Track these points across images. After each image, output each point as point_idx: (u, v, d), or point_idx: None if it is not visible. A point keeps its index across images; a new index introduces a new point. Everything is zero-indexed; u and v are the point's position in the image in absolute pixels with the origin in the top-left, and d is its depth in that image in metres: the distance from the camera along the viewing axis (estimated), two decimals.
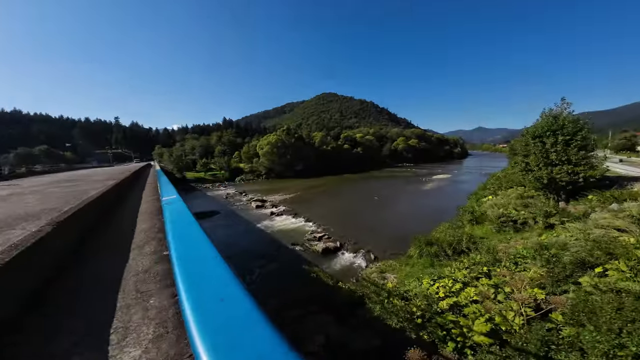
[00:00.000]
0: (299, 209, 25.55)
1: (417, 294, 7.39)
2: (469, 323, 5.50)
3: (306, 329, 6.71)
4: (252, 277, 11.90)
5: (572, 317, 4.64)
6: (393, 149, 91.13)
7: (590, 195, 13.71)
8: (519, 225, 14.01)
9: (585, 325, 4.31)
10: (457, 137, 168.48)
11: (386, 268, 11.52)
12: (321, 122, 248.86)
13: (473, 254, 9.90)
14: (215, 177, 58.67)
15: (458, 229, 13.96)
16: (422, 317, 6.32)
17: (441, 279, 8.12)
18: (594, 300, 4.66)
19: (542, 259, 8.39)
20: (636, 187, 13.42)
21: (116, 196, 5.16)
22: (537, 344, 4.26)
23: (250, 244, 16.28)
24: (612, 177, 14.95)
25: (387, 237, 16.73)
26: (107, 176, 11.55)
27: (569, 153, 13.93)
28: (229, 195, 36.57)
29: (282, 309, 8.62)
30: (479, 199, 21.76)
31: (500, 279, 7.40)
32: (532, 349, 4.27)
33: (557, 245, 9.08)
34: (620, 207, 11.11)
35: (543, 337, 4.33)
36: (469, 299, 6.60)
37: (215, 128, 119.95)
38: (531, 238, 11.45)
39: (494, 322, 5.59)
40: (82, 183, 9.14)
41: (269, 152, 56.79)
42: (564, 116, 14.33)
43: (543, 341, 4.26)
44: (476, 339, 5.21)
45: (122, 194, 6.41)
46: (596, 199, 13.27)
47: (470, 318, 5.77)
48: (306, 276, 11.15)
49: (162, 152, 67.91)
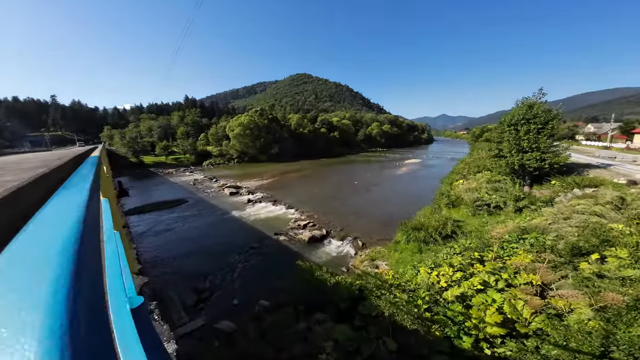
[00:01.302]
0: (278, 195, 24.34)
1: (419, 285, 7.17)
2: (482, 315, 5.34)
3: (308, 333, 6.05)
4: (234, 274, 10.81)
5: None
6: (368, 134, 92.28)
7: (552, 180, 15.01)
8: (492, 209, 14.92)
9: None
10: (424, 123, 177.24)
11: (375, 255, 11.35)
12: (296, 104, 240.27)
13: (462, 240, 10.10)
14: (179, 161, 53.30)
15: (439, 214, 14.34)
16: (430, 311, 6.07)
17: (439, 267, 8.04)
18: None
19: (527, 243, 8.80)
20: (591, 173, 15.04)
21: (45, 191, 3.58)
22: (560, 336, 4.18)
23: (227, 236, 14.90)
24: (568, 163, 16.57)
25: (371, 222, 16.70)
26: (39, 163, 9.00)
27: (539, 141, 14.88)
28: (197, 181, 33.45)
29: (275, 309, 7.84)
30: (451, 182, 22.91)
31: (495, 265, 7.52)
32: (557, 340, 4.18)
33: (537, 229, 9.63)
34: (583, 192, 12.27)
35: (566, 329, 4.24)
36: (472, 288, 6.51)
37: (176, 107, 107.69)
38: (506, 221, 12.17)
39: (502, 311, 5.53)
40: (2, 173, 6.84)
41: (240, 134, 52.89)
42: (538, 105, 15.12)
43: (565, 334, 4.18)
44: (489, 330, 5.07)
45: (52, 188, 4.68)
46: (559, 184, 14.57)
47: (480, 308, 5.64)
48: (296, 269, 10.42)
49: (113, 134, 58.98)
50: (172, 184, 32.83)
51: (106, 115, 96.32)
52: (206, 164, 52.11)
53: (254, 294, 9.32)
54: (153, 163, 50.75)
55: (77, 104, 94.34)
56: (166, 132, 67.96)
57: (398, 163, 49.87)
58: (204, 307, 8.92)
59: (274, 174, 38.17)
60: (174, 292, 9.88)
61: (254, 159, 54.78)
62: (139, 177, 38.58)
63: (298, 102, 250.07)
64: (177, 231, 15.89)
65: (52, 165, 5.73)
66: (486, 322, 5.18)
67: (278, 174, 38.27)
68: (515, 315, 5.29)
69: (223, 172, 41.67)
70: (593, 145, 44.78)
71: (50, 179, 4.27)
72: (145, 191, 28.67)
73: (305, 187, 29.08)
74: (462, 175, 24.09)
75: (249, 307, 8.49)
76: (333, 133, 74.21)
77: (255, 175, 36.73)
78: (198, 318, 8.33)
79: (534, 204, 13.68)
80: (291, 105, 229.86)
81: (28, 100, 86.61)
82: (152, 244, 14.19)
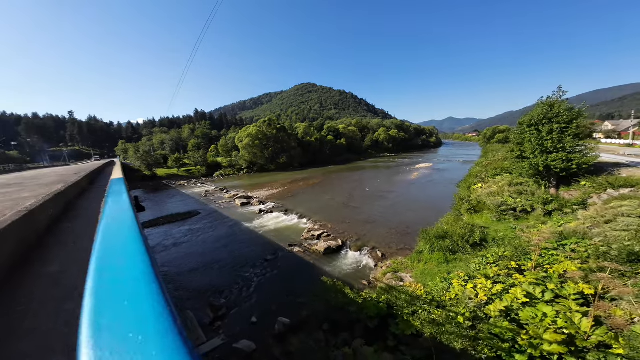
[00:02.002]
0: (290, 204, 24.05)
1: (455, 299, 6.56)
2: (538, 331, 4.74)
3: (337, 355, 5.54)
4: (250, 289, 10.41)
5: None
6: (375, 139, 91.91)
7: (582, 181, 14.07)
8: (519, 213, 14.07)
9: None
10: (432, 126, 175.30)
11: (398, 266, 10.73)
12: (301, 113, 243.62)
13: (495, 248, 9.40)
14: (190, 173, 54.24)
15: (462, 220, 13.60)
16: (474, 328, 5.47)
17: (473, 279, 7.40)
18: None
19: (567, 249, 8.05)
20: (623, 172, 14.03)
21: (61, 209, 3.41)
22: (630, 348, 3.56)
23: (241, 248, 14.60)
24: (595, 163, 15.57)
25: (387, 230, 16.06)
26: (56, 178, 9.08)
27: (564, 141, 14.09)
28: (208, 192, 33.69)
29: (296, 328, 7.36)
30: (469, 186, 22.01)
31: (538, 275, 6.85)
32: (626, 352, 3.56)
33: (577, 234, 8.86)
34: (619, 193, 11.36)
35: None
36: (517, 301, 5.89)
37: (187, 120, 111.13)
38: (538, 226, 11.36)
39: (556, 326, 4.90)
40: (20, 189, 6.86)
41: (249, 144, 53.59)
42: (559, 104, 14.42)
43: None
44: (547, 347, 4.46)
45: (68, 206, 4.52)
46: (589, 184, 13.63)
47: (534, 323, 5.03)
48: (314, 283, 9.95)
49: (127, 148, 61.02)
50: (184, 195, 33.18)
51: (120, 129, 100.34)
52: (217, 175, 52.79)
53: (273, 311, 8.87)
54: (166, 175, 51.85)
55: (93, 119, 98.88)
56: (177, 144, 69.86)
57: (409, 168, 48.98)
58: (221, 325, 8.52)
59: (283, 183, 38.10)
60: (190, 308, 9.56)
61: (263, 168, 55.16)
62: (152, 190, 39.31)
63: (303, 111, 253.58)
64: (191, 244, 15.74)
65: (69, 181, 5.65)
66: (544, 339, 4.57)
67: (287, 183, 38.17)
68: (573, 329, 4.67)
69: (233, 183, 41.97)
70: (614, 143, 42.69)
71: (67, 195, 4.08)
72: (159, 204, 29.02)
73: (316, 195, 28.72)
74: (479, 178, 23.16)
75: (268, 325, 8.03)
76: (340, 140, 74.24)
77: (265, 185, 36.74)
78: (216, 337, 7.93)
79: (566, 207, 12.79)
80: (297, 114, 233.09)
81: (47, 116, 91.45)
82: (166, 257, 14.03)
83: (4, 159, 55.22)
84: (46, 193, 4.24)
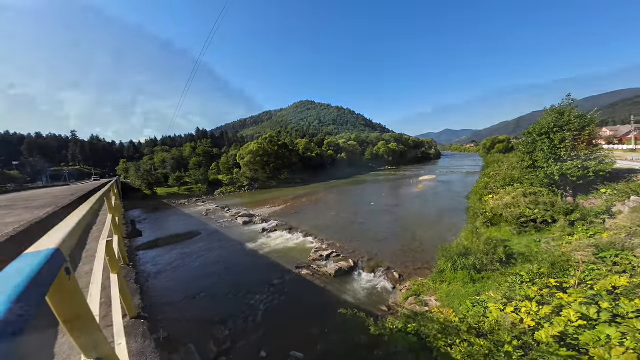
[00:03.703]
0: (293, 222, 23.21)
1: (496, 325, 5.71)
2: (606, 356, 3.93)
3: None
4: (256, 318, 9.42)
5: None
6: (375, 153, 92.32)
7: (602, 189, 13.48)
8: (540, 225, 13.31)
9: None
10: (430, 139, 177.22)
11: (419, 289, 9.80)
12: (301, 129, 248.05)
13: (527, 264, 8.58)
14: (191, 191, 53.64)
15: (482, 235, 12.80)
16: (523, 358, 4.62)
17: (511, 300, 6.56)
18: None
19: (608, 262, 7.28)
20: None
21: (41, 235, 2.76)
22: None
23: (244, 271, 13.64)
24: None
25: (399, 247, 15.16)
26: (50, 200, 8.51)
27: (577, 148, 13.69)
28: (209, 211, 32.87)
29: None
30: (480, 198, 21.32)
31: (586, 293, 6.03)
32: None
33: (614, 245, 8.11)
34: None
35: None
36: (570, 324, 5.08)
37: (188, 139, 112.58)
38: (565, 238, 10.58)
39: (623, 348, 4.08)
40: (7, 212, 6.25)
41: (250, 161, 53.56)
42: (569, 111, 14.20)
43: None
44: None
45: None
46: (610, 192, 13.02)
47: (593, 347, 4.22)
48: (327, 311, 9.01)
49: (128, 167, 61.00)
50: (184, 215, 32.35)
51: (122, 148, 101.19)
52: (218, 192, 52.16)
53: (283, 344, 7.88)
54: (166, 194, 51.21)
55: (95, 138, 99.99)
56: (179, 163, 69.93)
57: (412, 180, 48.45)
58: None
59: (285, 199, 37.38)
60: (191, 341, 8.54)
61: (265, 185, 54.64)
62: (152, 209, 38.48)
63: (303, 127, 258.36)
64: (190, 267, 14.77)
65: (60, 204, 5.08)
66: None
67: (290, 199, 37.46)
68: None
69: (235, 201, 41.24)
70: (617, 149, 42.53)
71: (51, 220, 3.51)
72: (158, 223, 28.14)
73: (320, 211, 27.91)
74: (489, 189, 22.52)
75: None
76: (341, 155, 74.51)
77: (267, 202, 36.00)
78: None
79: (590, 216, 12.07)
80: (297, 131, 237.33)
81: (50, 136, 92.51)
82: (164, 282, 13.06)
83: (4, 179, 54.89)
84: (32, 218, 3.59)
